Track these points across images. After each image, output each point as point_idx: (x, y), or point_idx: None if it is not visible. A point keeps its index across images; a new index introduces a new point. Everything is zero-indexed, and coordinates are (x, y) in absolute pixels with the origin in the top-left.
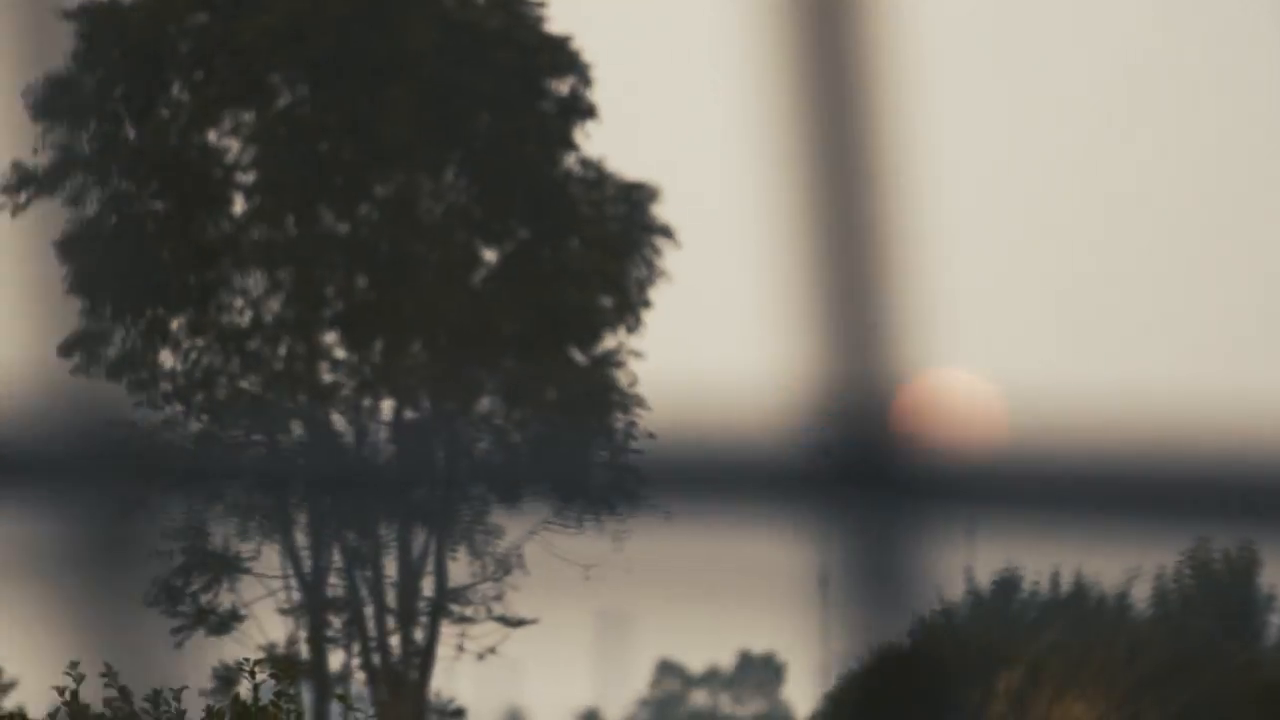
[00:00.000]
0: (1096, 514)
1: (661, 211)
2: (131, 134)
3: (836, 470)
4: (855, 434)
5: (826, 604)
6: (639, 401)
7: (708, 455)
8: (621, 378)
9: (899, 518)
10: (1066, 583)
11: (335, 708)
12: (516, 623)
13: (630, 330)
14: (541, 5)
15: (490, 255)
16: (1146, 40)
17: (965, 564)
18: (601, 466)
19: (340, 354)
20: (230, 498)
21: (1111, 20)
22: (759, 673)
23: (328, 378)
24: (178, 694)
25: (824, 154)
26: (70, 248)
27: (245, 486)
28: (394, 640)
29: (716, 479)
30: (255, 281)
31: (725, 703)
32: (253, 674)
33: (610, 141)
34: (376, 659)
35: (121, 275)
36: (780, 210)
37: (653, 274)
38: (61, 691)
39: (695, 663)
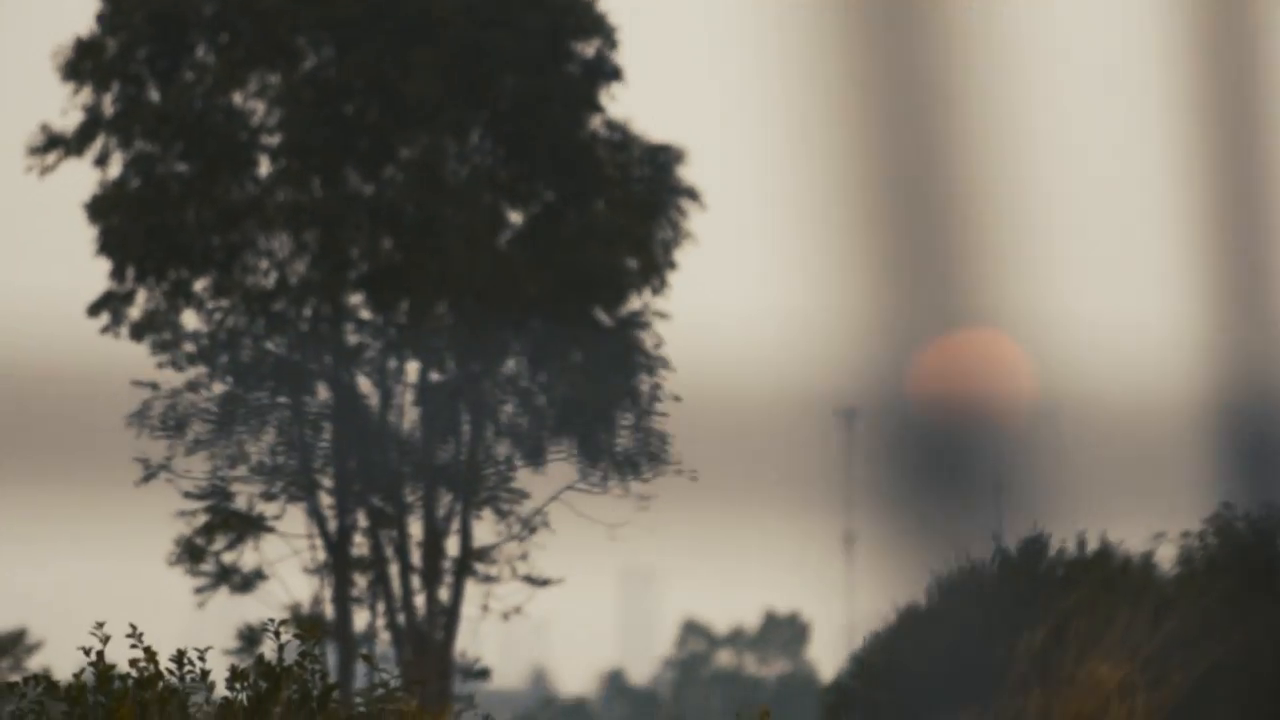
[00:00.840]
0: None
1: (687, 173)
2: (156, 96)
3: None
4: None
5: (852, 563)
6: (664, 363)
7: None
8: (647, 339)
9: None
10: (1092, 543)
11: (360, 668)
12: (542, 583)
13: (656, 292)
14: None
15: (515, 217)
16: None
17: (993, 524)
18: (627, 428)
19: (366, 315)
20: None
21: None
22: (784, 632)
23: (353, 339)
24: (203, 654)
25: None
26: (97, 209)
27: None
28: (419, 600)
29: None
30: (280, 243)
31: (750, 663)
32: (277, 634)
33: (636, 103)
34: (402, 619)
35: (146, 237)
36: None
37: (678, 235)
38: (87, 651)
39: (720, 623)
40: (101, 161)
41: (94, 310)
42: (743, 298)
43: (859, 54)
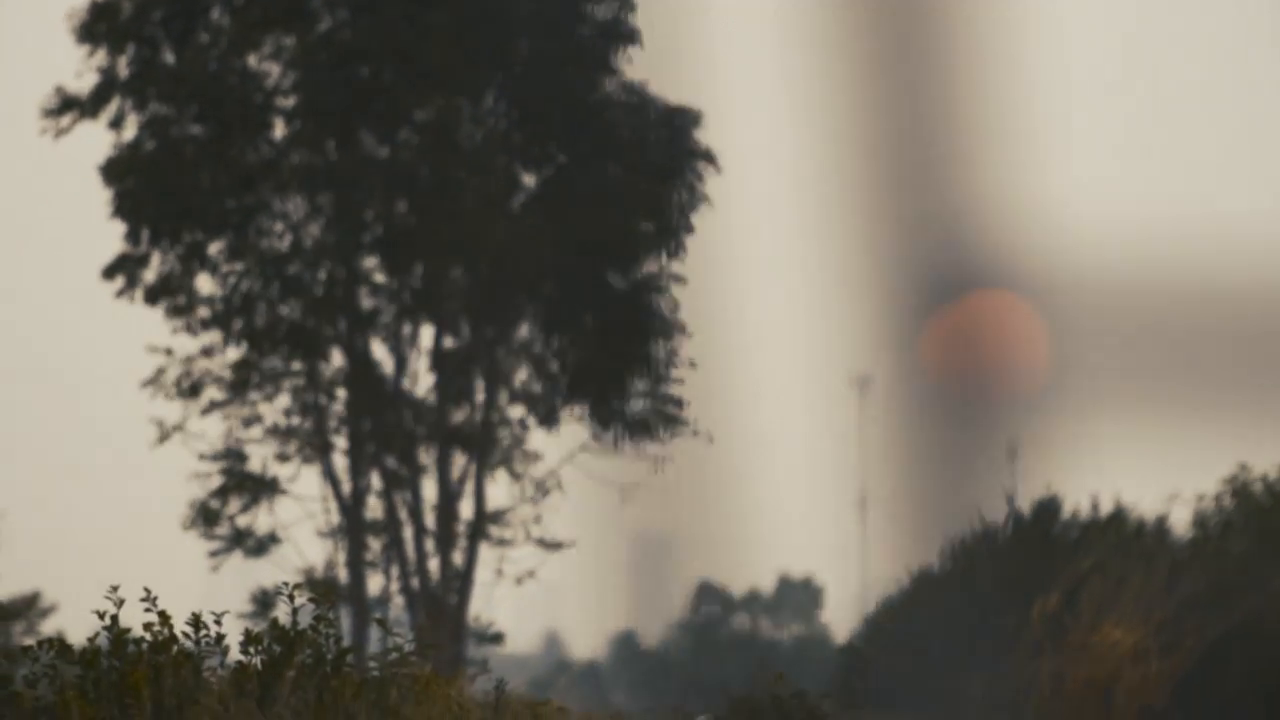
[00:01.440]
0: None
1: (704, 136)
2: (171, 58)
3: None
4: None
5: (866, 526)
6: (680, 326)
7: None
8: (663, 303)
9: None
10: (1107, 506)
11: (374, 632)
12: (555, 546)
13: (671, 255)
14: None
15: (530, 180)
16: None
17: (1007, 487)
18: (641, 391)
19: (380, 279)
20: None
21: None
22: (798, 596)
23: (368, 303)
24: (218, 618)
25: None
26: (111, 172)
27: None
28: (433, 564)
29: None
30: (295, 206)
31: (765, 626)
32: (291, 598)
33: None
34: (415, 583)
35: (161, 199)
36: None
37: (695, 199)
38: (101, 615)
39: (735, 586)
40: (116, 124)
41: (108, 273)
42: (759, 262)
43: (876, 13)
